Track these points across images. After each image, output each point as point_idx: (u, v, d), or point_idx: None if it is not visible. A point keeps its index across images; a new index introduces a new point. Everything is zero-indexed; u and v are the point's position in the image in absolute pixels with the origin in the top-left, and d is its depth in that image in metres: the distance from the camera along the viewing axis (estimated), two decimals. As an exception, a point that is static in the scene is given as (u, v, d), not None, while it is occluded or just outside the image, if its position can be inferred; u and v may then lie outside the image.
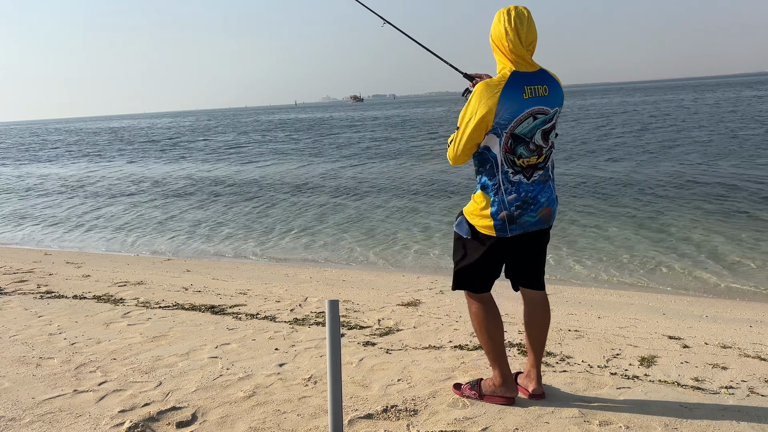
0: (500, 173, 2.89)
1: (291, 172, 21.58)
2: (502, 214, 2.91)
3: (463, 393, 3.27)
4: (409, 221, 11.92)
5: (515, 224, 2.93)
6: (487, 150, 2.89)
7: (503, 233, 2.94)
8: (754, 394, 3.30)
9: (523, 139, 2.86)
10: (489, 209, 2.92)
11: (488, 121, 2.81)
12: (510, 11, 2.82)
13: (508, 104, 2.78)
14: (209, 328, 4.80)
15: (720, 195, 12.62)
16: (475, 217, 2.99)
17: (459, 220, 3.09)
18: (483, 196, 2.95)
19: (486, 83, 2.82)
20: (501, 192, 2.90)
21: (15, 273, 7.47)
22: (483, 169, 2.95)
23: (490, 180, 2.92)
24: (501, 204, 2.90)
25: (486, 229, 2.96)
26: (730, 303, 6.58)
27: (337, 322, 2.55)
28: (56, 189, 20.63)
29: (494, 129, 2.83)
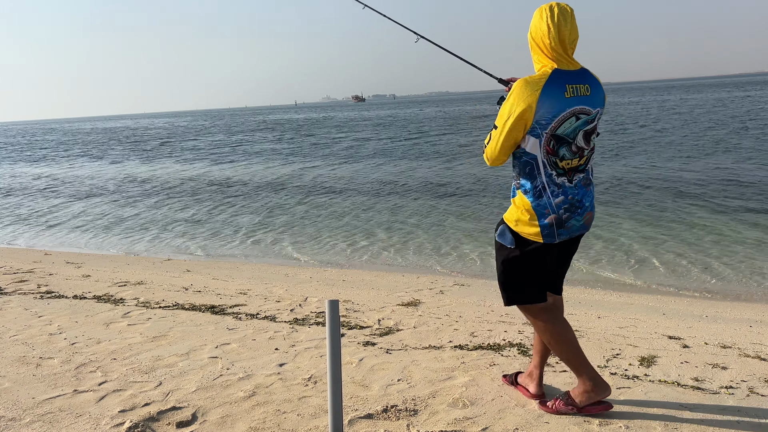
0: (543, 175, 2.76)
1: (278, 172, 21.60)
2: (550, 218, 2.77)
3: (558, 410, 3.03)
4: (409, 221, 11.92)
5: (563, 228, 2.80)
6: (525, 153, 2.77)
7: (551, 239, 2.81)
8: (754, 394, 3.30)
9: (565, 139, 2.74)
10: (534, 214, 2.79)
11: (528, 119, 2.68)
12: (553, 8, 2.71)
13: (549, 102, 2.66)
14: (209, 328, 4.80)
15: (718, 195, 12.62)
16: (519, 223, 2.84)
17: (501, 229, 2.94)
18: (525, 201, 2.81)
19: (525, 80, 2.70)
20: (546, 195, 2.77)
21: (15, 273, 7.47)
22: (523, 172, 2.81)
23: (532, 183, 2.78)
24: (548, 207, 2.77)
25: (532, 235, 2.82)
26: (730, 303, 6.58)
27: (337, 322, 2.55)
28: (25, 188, 20.67)
29: (533, 129, 2.71)
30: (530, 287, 2.94)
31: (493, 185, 15.70)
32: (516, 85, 2.72)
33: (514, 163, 2.87)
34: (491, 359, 3.91)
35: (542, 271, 2.94)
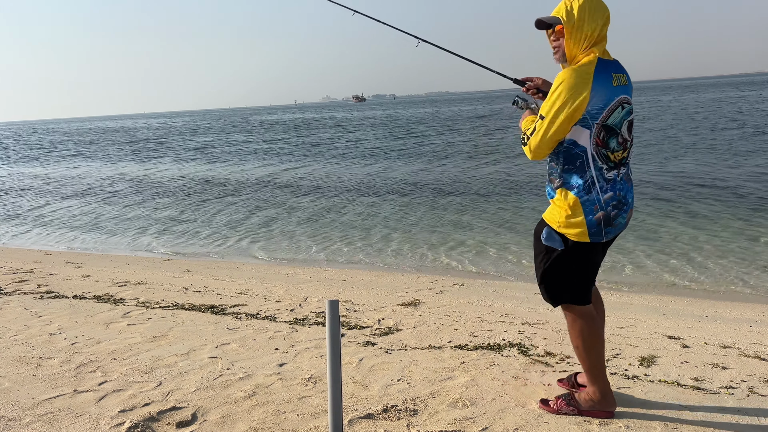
0: (593, 169, 2.67)
1: (280, 173, 21.61)
2: (598, 214, 2.68)
3: (558, 410, 3.03)
4: (409, 221, 11.92)
5: (611, 226, 2.72)
6: (574, 144, 2.67)
7: (598, 238, 2.73)
8: (754, 394, 3.30)
9: (614, 130, 2.66)
10: (581, 212, 2.70)
11: (581, 111, 2.60)
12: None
13: (601, 91, 2.60)
14: (209, 328, 4.80)
15: (717, 195, 12.62)
16: (563, 224, 2.76)
17: (547, 232, 2.83)
18: (570, 197, 2.71)
19: (574, 69, 2.61)
20: (595, 190, 2.68)
21: (15, 273, 7.47)
22: (570, 167, 2.70)
23: (581, 178, 2.68)
24: (597, 204, 2.68)
25: (578, 235, 2.73)
26: (730, 303, 6.58)
27: (337, 322, 2.55)
28: (23, 188, 20.68)
29: (584, 119, 2.62)
30: (578, 288, 2.89)
31: (493, 185, 15.71)
32: (565, 75, 2.62)
33: (556, 158, 2.76)
34: (491, 359, 3.91)
35: (590, 271, 2.89)
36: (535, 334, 4.53)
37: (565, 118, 2.61)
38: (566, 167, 2.72)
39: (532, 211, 12.07)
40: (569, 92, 2.59)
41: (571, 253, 2.80)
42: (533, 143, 2.72)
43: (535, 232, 2.95)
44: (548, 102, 2.66)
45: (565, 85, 2.60)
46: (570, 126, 2.64)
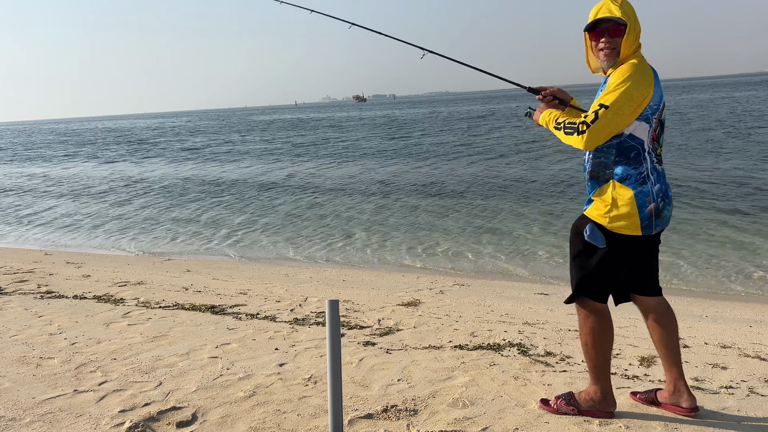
0: (648, 161, 2.74)
1: (275, 172, 21.61)
2: (650, 206, 2.72)
3: (558, 409, 3.02)
4: (408, 221, 11.92)
5: (659, 219, 2.76)
6: (632, 137, 2.72)
7: (649, 231, 2.75)
8: (754, 394, 3.30)
9: (664, 126, 2.80)
10: (634, 204, 2.71)
11: (644, 105, 2.68)
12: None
13: (658, 89, 2.72)
14: (209, 328, 4.80)
15: (716, 195, 12.63)
16: (614, 218, 2.75)
17: (590, 228, 2.81)
18: (622, 190, 2.73)
19: (639, 66, 2.70)
20: (650, 182, 2.73)
21: (15, 273, 7.47)
22: (622, 159, 2.74)
23: (635, 169, 2.73)
24: (650, 195, 2.72)
25: (630, 228, 2.74)
26: (730, 303, 6.58)
27: (337, 322, 2.55)
28: (20, 188, 20.69)
29: (645, 114, 2.70)
30: (605, 286, 2.89)
31: (492, 184, 15.71)
32: (630, 69, 2.69)
33: (607, 151, 2.77)
34: (491, 359, 3.91)
35: (622, 269, 2.88)
36: (535, 334, 4.53)
37: (630, 111, 2.67)
38: (618, 159, 2.75)
39: (534, 211, 12.07)
40: (637, 87, 2.66)
41: (614, 250, 2.80)
42: (593, 132, 2.70)
43: (575, 228, 2.93)
44: (613, 93, 2.67)
45: (633, 80, 2.66)
46: (632, 119, 2.70)
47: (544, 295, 6.69)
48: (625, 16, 2.75)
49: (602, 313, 2.92)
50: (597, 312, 2.92)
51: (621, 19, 2.75)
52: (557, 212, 11.81)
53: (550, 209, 12.18)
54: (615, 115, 2.66)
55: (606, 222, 2.77)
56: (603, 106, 2.68)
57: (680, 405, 2.99)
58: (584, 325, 2.94)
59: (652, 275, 2.97)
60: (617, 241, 2.78)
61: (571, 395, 3.06)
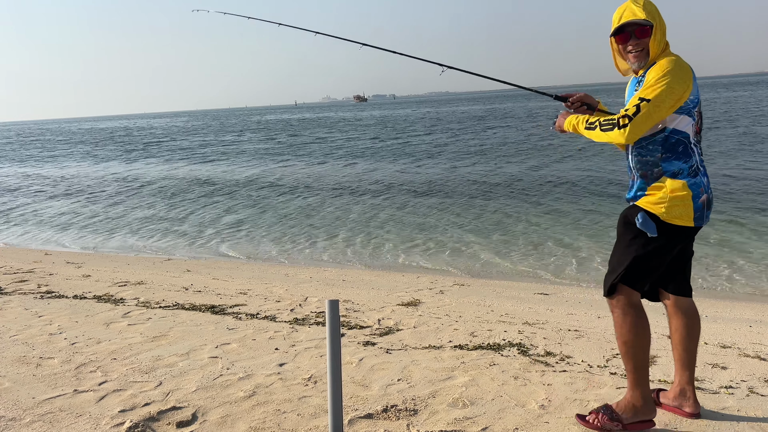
0: (696, 154, 2.77)
1: (275, 172, 21.62)
2: (703, 197, 2.74)
3: (603, 426, 2.86)
4: (408, 221, 11.92)
5: (710, 210, 2.78)
6: (676, 132, 2.74)
7: (700, 222, 2.76)
8: (754, 394, 3.30)
9: (703, 118, 2.84)
10: (689, 195, 2.72)
11: (683, 99, 2.70)
12: None
13: (695, 83, 2.76)
14: (209, 327, 4.80)
15: (716, 195, 12.63)
16: (671, 209, 2.73)
17: (642, 217, 2.77)
18: (677, 183, 2.73)
19: (675, 60, 2.72)
20: (701, 173, 2.76)
21: (15, 273, 7.47)
22: (671, 155, 2.74)
23: (686, 163, 2.74)
24: (702, 186, 2.75)
25: (684, 219, 2.73)
26: (730, 303, 6.58)
27: (337, 322, 2.55)
28: (18, 188, 20.71)
29: (687, 108, 2.72)
30: (648, 274, 2.86)
31: (491, 184, 15.71)
32: (670, 63, 2.70)
33: (653, 149, 2.77)
34: (491, 359, 3.91)
35: (666, 262, 2.87)
36: (535, 334, 4.53)
37: (671, 104, 2.69)
38: (667, 155, 2.76)
39: (536, 210, 12.07)
40: (678, 81, 2.68)
41: (664, 240, 2.78)
42: (637, 123, 2.69)
43: (624, 217, 2.90)
44: (653, 87, 2.68)
45: (674, 74, 2.68)
46: (671, 112, 2.71)
47: (544, 295, 6.69)
48: (649, 16, 2.77)
49: (639, 308, 2.86)
50: (635, 306, 2.85)
51: (646, 21, 2.77)
52: (564, 210, 11.81)
53: (552, 208, 12.18)
54: (656, 108, 2.67)
55: (661, 211, 2.74)
56: (644, 99, 2.68)
57: (683, 409, 2.98)
58: (624, 322, 2.85)
59: (686, 273, 2.97)
60: (669, 232, 2.76)
61: (609, 408, 2.90)
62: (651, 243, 2.78)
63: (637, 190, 2.84)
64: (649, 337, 2.85)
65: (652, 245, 2.78)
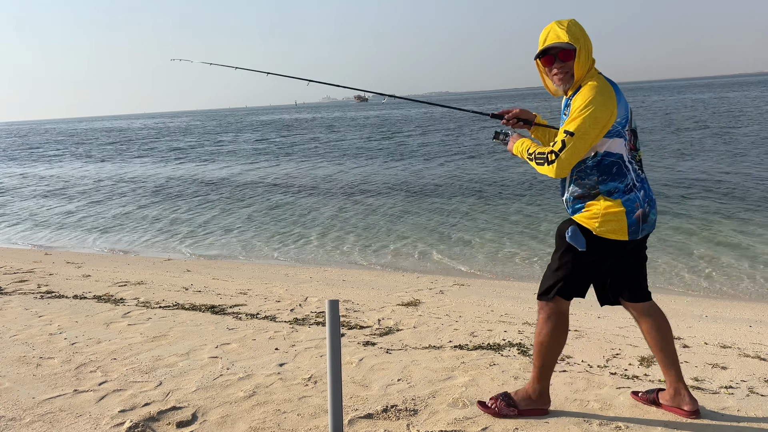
0: (631, 171, 2.80)
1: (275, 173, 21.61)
2: (638, 212, 2.78)
3: (499, 411, 3.04)
4: (408, 221, 11.92)
5: (646, 223, 2.82)
6: (609, 154, 2.76)
7: (635, 235, 2.80)
8: (754, 394, 3.30)
9: (636, 132, 2.86)
10: (623, 212, 2.77)
11: (610, 125, 2.72)
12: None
13: (622, 101, 2.77)
14: (209, 327, 4.80)
15: (716, 195, 12.63)
16: (604, 224, 2.78)
17: (572, 230, 2.85)
18: (611, 202, 2.78)
19: (598, 86, 2.74)
20: (635, 190, 2.80)
21: (15, 273, 7.47)
22: (606, 177, 2.78)
23: (621, 183, 2.78)
24: (637, 201, 2.78)
25: (615, 233, 2.78)
26: (730, 303, 6.58)
27: (337, 322, 2.55)
28: (16, 188, 20.71)
29: (615, 130, 2.74)
30: (580, 285, 2.95)
31: (489, 184, 15.72)
32: (591, 92, 2.72)
33: (588, 173, 2.80)
34: (491, 359, 3.91)
35: (599, 274, 2.97)
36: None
37: (595, 134, 2.72)
38: (603, 178, 2.79)
39: (542, 211, 12.07)
40: (601, 109, 2.69)
41: (598, 254, 2.84)
42: (563, 159, 2.75)
43: (559, 230, 2.96)
44: (576, 120, 2.72)
45: (596, 103, 2.70)
46: (599, 140, 2.74)
47: (544, 295, 6.69)
48: (573, 39, 2.78)
49: (564, 315, 2.98)
50: (560, 314, 2.97)
51: (569, 44, 2.79)
52: (563, 210, 11.82)
53: (552, 208, 12.18)
54: (581, 141, 2.71)
55: (595, 226, 2.80)
56: (568, 133, 2.73)
57: (682, 408, 3.01)
58: (545, 326, 2.99)
59: (639, 281, 3.01)
60: (601, 246, 2.82)
61: (508, 396, 3.09)
62: (581, 258, 2.86)
63: (575, 206, 2.89)
64: (562, 344, 3.01)
65: (582, 260, 2.87)
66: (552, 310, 2.96)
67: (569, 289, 2.94)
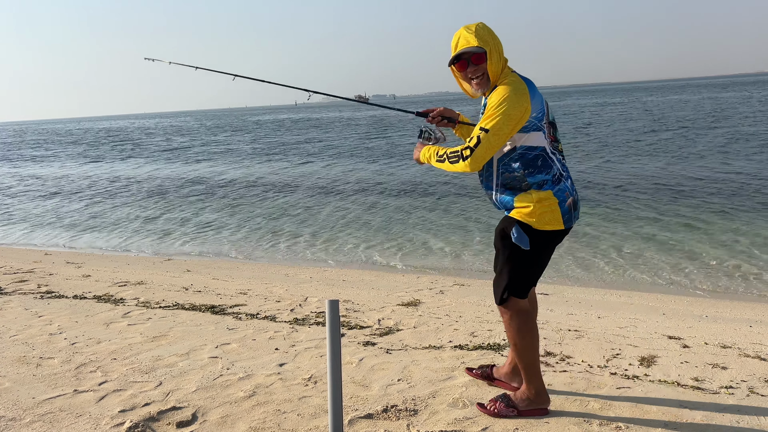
0: (556, 162, 2.89)
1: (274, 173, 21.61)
2: (569, 201, 2.88)
3: (498, 412, 3.06)
4: (408, 220, 11.92)
5: (576, 210, 2.94)
6: (531, 148, 2.85)
7: (569, 223, 2.91)
8: (754, 394, 3.30)
9: (555, 124, 2.96)
10: (555, 202, 2.85)
11: (524, 121, 2.81)
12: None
13: (536, 97, 2.85)
14: (209, 328, 4.80)
15: (716, 195, 12.63)
16: (541, 218, 2.85)
17: (517, 231, 2.90)
18: (542, 194, 2.86)
19: (512, 85, 2.82)
20: (563, 179, 2.89)
21: (15, 273, 7.47)
22: (532, 170, 2.86)
23: (548, 174, 2.86)
24: (567, 190, 2.88)
25: (551, 223, 2.86)
26: (730, 303, 6.58)
27: (337, 322, 2.55)
28: (12, 187, 20.71)
29: (533, 125, 2.82)
30: (529, 282, 3.03)
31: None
32: (506, 89, 2.81)
33: (512, 167, 2.88)
34: (491, 359, 3.91)
35: (545, 264, 3.05)
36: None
37: (509, 130, 2.81)
38: (529, 171, 2.87)
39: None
40: (514, 106, 2.78)
41: (538, 248, 2.92)
42: (478, 154, 2.84)
43: (501, 231, 3.02)
44: (490, 117, 2.80)
45: (509, 101, 2.78)
46: (512, 135, 2.83)
47: (545, 295, 6.68)
48: (482, 42, 2.87)
49: (525, 311, 3.05)
50: (522, 312, 3.04)
51: (479, 48, 2.88)
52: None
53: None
54: (495, 137, 2.80)
55: (533, 221, 2.87)
56: (483, 129, 2.82)
57: (512, 384, 3.30)
58: (511, 326, 3.05)
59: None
60: (542, 239, 2.91)
61: (508, 397, 3.11)
62: (527, 256, 2.94)
63: (507, 202, 2.95)
64: (536, 338, 3.05)
65: (528, 259, 2.95)
66: (513, 311, 3.03)
67: (521, 287, 3.02)
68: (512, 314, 3.02)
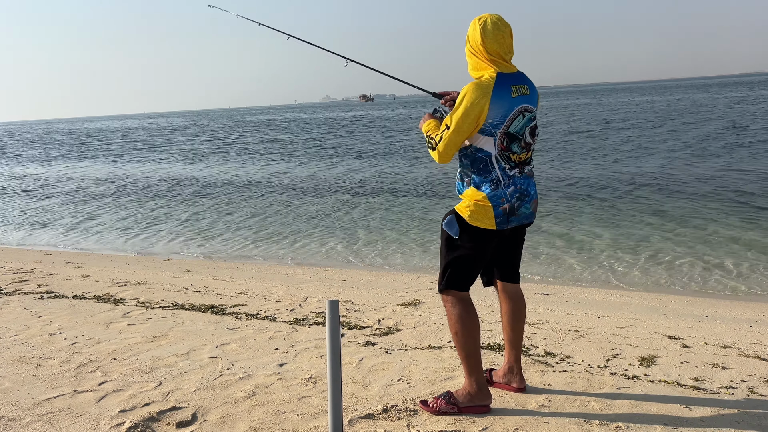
0: (497, 169, 2.99)
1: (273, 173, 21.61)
2: (504, 206, 2.99)
3: (439, 410, 3.09)
4: (408, 220, 11.92)
5: (515, 216, 3.03)
6: (480, 150, 2.99)
7: (503, 225, 3.01)
8: (754, 394, 3.30)
9: (516, 136, 2.99)
10: (490, 205, 2.98)
11: (480, 120, 2.91)
12: (486, 20, 2.99)
13: (500, 104, 2.91)
14: (209, 328, 4.80)
15: (716, 195, 12.63)
16: (474, 215, 3.00)
17: (449, 219, 3.09)
18: (479, 194, 3.00)
19: (477, 84, 2.92)
20: (501, 186, 2.99)
21: (15, 273, 7.47)
22: (476, 169, 3.02)
23: (486, 178, 3.00)
24: (503, 197, 2.99)
25: (484, 222, 3.00)
26: (730, 303, 6.58)
27: (337, 322, 2.55)
28: (12, 187, 20.71)
29: (487, 129, 2.92)
30: (469, 275, 3.11)
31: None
32: (468, 89, 2.92)
33: (464, 162, 3.07)
34: (491, 359, 3.91)
35: (484, 259, 3.13)
36: (535, 334, 4.53)
37: (468, 129, 2.93)
38: (473, 169, 3.04)
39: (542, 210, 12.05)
40: (471, 105, 2.89)
41: (471, 240, 3.03)
42: (440, 149, 3.00)
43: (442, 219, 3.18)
44: (453, 113, 2.95)
45: (468, 99, 2.90)
46: (472, 133, 2.95)
47: (544, 295, 6.69)
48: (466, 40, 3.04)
49: (467, 302, 3.11)
50: (463, 300, 3.10)
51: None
52: (562, 210, 11.82)
53: (551, 208, 12.18)
54: (455, 134, 2.95)
55: (467, 215, 3.02)
56: (447, 126, 2.98)
57: (511, 384, 3.33)
58: (451, 314, 3.12)
59: (513, 264, 3.30)
60: (474, 234, 3.03)
61: (450, 394, 3.14)
62: (459, 247, 3.06)
63: (458, 191, 3.13)
64: (477, 328, 3.10)
65: (459, 247, 3.06)
66: (453, 299, 3.10)
67: (459, 281, 3.09)
68: (452, 302, 3.10)
